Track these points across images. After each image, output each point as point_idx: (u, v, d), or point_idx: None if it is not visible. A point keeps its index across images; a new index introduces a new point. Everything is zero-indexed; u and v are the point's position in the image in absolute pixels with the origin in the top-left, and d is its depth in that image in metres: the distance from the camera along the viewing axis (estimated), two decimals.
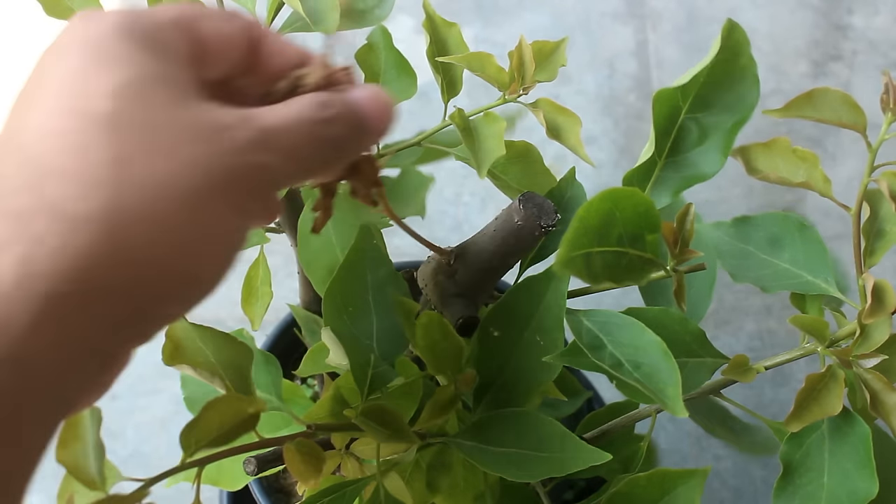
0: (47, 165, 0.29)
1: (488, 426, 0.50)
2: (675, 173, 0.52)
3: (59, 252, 0.28)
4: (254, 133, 0.31)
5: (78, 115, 0.29)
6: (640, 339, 0.46)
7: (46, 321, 0.28)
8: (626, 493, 0.50)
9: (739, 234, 0.53)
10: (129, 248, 0.29)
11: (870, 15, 1.26)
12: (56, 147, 0.29)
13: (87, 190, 0.28)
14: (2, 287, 0.27)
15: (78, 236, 0.28)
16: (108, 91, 0.29)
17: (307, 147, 0.32)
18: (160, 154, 0.29)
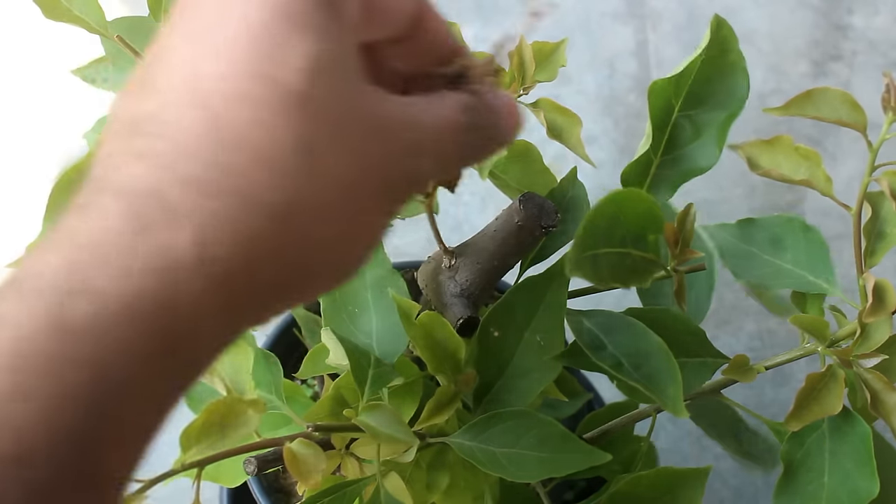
0: (234, 136, 0.27)
1: (488, 426, 0.50)
2: (671, 170, 0.52)
3: (237, 238, 0.26)
4: (421, 135, 0.30)
5: (271, 84, 0.27)
6: (640, 339, 0.46)
7: (214, 305, 0.26)
8: (628, 492, 0.50)
9: (743, 236, 0.54)
10: (304, 244, 0.28)
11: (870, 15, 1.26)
12: (244, 117, 0.27)
13: (275, 178, 0.27)
14: (180, 262, 0.26)
15: (257, 224, 0.27)
16: (302, 64, 0.27)
17: (453, 152, 0.32)
18: (346, 148, 0.28)
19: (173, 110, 0.27)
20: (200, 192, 0.26)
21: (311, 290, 0.30)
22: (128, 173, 0.26)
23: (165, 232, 0.26)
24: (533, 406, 0.51)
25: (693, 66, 0.51)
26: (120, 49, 0.53)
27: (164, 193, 0.26)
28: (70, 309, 0.24)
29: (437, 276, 0.53)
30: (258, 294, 0.28)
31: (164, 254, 0.25)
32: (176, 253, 0.25)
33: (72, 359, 0.24)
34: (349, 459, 0.50)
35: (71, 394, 0.24)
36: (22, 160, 1.13)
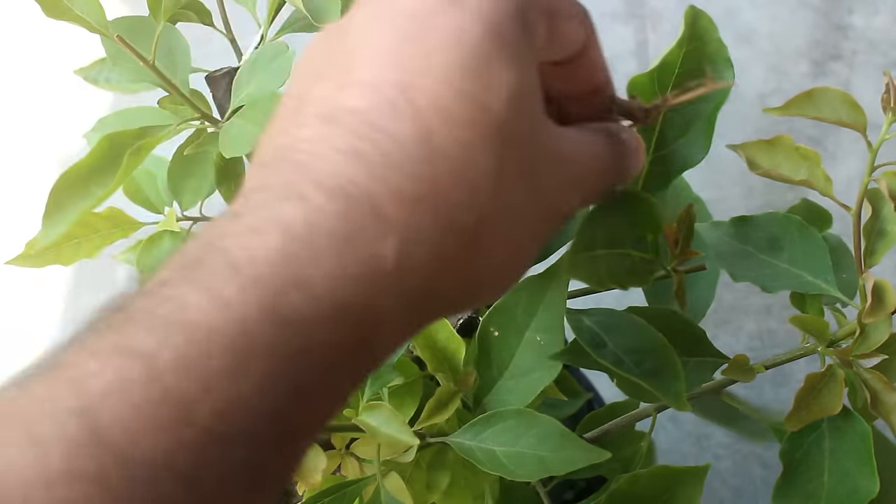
0: (444, 156, 0.27)
1: (488, 426, 0.50)
2: (663, 166, 0.52)
3: (433, 254, 0.27)
4: (579, 171, 0.31)
5: (479, 107, 0.27)
6: (641, 336, 0.46)
7: (400, 315, 0.27)
8: (627, 490, 0.50)
9: (739, 235, 0.53)
10: (480, 264, 0.29)
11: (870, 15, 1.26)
12: (454, 137, 0.27)
13: (472, 200, 0.28)
14: (384, 273, 0.26)
15: (451, 244, 0.28)
16: (507, 91, 0.28)
17: (601, 181, 0.33)
18: (528, 179, 0.29)
19: (385, 116, 0.27)
20: (407, 205, 0.27)
21: (471, 304, 0.32)
22: (340, 171, 0.27)
23: (374, 241, 0.26)
24: (533, 406, 0.51)
25: (673, 59, 0.51)
26: (120, 49, 0.53)
27: (375, 202, 0.26)
28: (285, 302, 0.25)
29: None
30: (435, 305, 0.29)
31: (372, 262, 0.26)
32: (381, 263, 0.26)
33: (284, 350, 0.25)
34: (349, 459, 0.50)
35: (280, 382, 0.25)
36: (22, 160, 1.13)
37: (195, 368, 0.24)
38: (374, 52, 0.28)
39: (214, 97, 0.58)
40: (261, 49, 0.55)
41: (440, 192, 0.27)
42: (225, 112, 0.56)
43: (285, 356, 0.25)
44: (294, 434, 0.26)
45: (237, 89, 0.54)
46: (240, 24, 0.61)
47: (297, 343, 0.25)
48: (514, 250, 0.30)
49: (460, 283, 0.29)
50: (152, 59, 0.54)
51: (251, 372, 0.24)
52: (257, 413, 0.24)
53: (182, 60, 0.56)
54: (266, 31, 0.57)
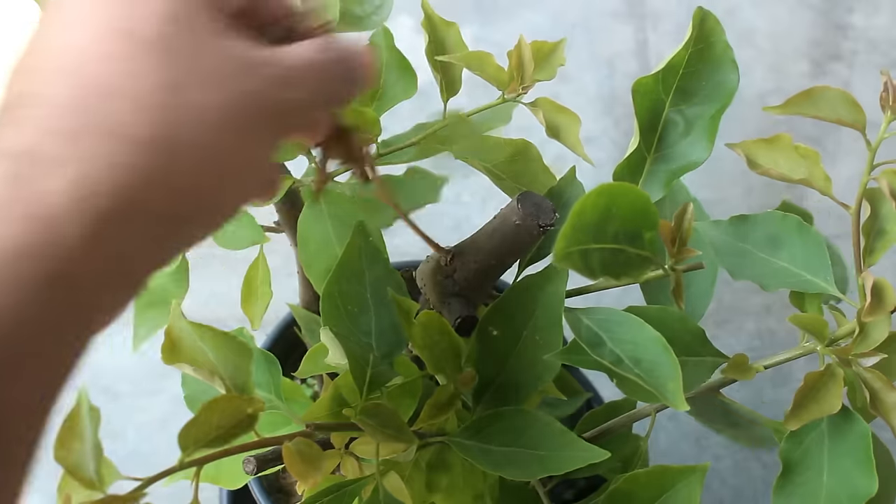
0: (100, 87, 0.29)
1: (487, 425, 0.50)
2: (664, 166, 0.52)
3: (114, 173, 0.28)
4: (283, 71, 0.32)
5: (128, 37, 0.30)
6: (639, 335, 0.46)
7: (96, 240, 0.28)
8: (626, 490, 0.50)
9: (737, 233, 0.53)
10: (179, 172, 0.30)
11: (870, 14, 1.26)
12: (108, 70, 0.29)
13: (142, 114, 0.29)
14: (56, 205, 0.28)
15: (133, 159, 0.29)
16: (156, 16, 0.30)
17: (321, 84, 0.34)
18: (209, 83, 0.30)
19: (48, 81, 0.30)
20: (71, 139, 0.28)
21: (205, 218, 0.32)
22: (6, 139, 0.29)
23: (40, 181, 0.28)
24: (532, 405, 0.51)
25: (679, 60, 0.51)
26: None
27: (37, 148, 0.28)
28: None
29: (436, 276, 0.53)
30: (150, 225, 0.30)
31: (41, 199, 0.28)
32: (52, 197, 0.28)
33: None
34: (349, 459, 0.50)
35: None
36: None
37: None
38: (45, 40, 0.31)
39: None
40: None
41: (106, 117, 0.29)
42: None
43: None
44: (3, 376, 0.27)
45: None
46: None
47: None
48: (227, 155, 0.31)
49: (175, 196, 0.30)
50: None
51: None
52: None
53: None
54: None
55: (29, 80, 0.30)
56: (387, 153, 0.59)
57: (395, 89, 0.59)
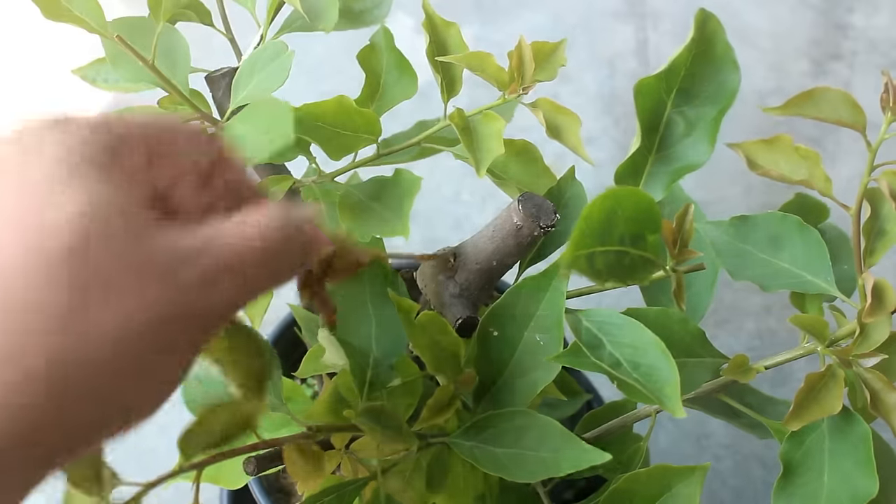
0: (5, 305, 0.27)
1: (488, 426, 0.50)
2: (665, 167, 0.52)
3: (7, 413, 0.27)
4: (202, 269, 0.29)
5: (36, 250, 0.27)
6: (639, 338, 0.46)
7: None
8: (626, 490, 0.50)
9: (738, 234, 0.53)
10: (72, 398, 0.27)
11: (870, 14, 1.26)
12: (14, 285, 0.27)
13: (36, 343, 0.27)
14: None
15: (27, 398, 0.27)
16: (70, 218, 0.28)
17: (257, 276, 0.31)
18: (113, 300, 0.28)
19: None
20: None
21: (107, 434, 0.30)
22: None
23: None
24: (532, 406, 0.51)
25: (681, 61, 0.51)
26: (120, 49, 0.53)
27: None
28: None
29: (437, 277, 0.53)
30: (37, 451, 0.28)
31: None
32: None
33: None
34: (349, 459, 0.50)
35: None
36: None
37: None
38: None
39: (214, 97, 0.58)
40: (260, 49, 0.55)
41: (3, 340, 0.27)
42: (225, 112, 0.56)
43: None
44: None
45: (237, 89, 0.54)
46: (239, 25, 0.61)
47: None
48: (128, 380, 0.28)
49: (59, 431, 0.28)
50: (152, 59, 0.54)
51: None
52: None
53: (182, 60, 0.56)
54: (266, 31, 0.57)
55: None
56: (387, 153, 0.59)
57: (395, 90, 0.59)
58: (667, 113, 0.52)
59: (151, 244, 0.29)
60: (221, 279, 0.30)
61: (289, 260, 0.33)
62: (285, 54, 0.54)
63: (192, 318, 0.29)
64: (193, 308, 0.29)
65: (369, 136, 0.57)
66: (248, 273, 0.31)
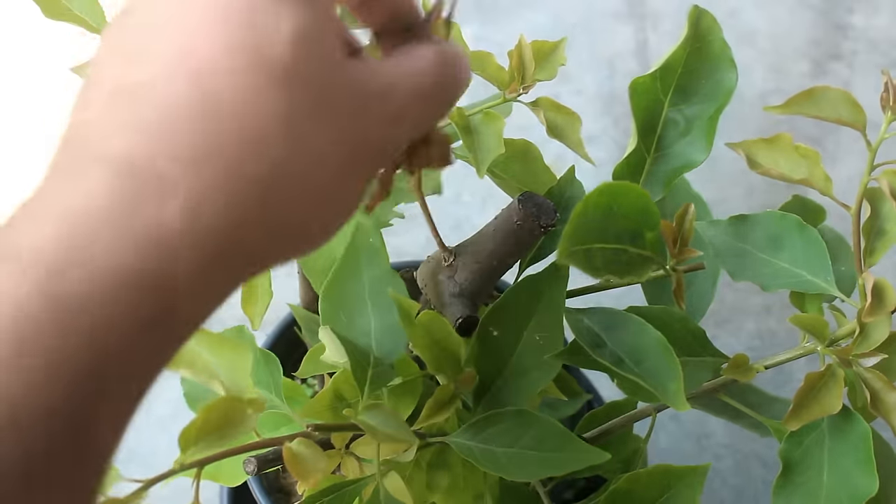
0: (225, 111, 0.27)
1: (488, 426, 0.50)
2: (664, 166, 0.52)
3: (225, 209, 0.27)
4: (395, 108, 0.31)
5: (257, 57, 0.28)
6: (640, 335, 0.46)
7: (199, 277, 0.27)
8: (627, 490, 0.50)
9: (737, 233, 0.53)
10: (282, 211, 0.29)
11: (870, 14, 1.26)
12: (232, 90, 0.27)
13: (260, 149, 0.28)
14: (170, 236, 0.26)
15: (245, 194, 0.27)
16: (288, 36, 0.28)
17: (435, 109, 0.33)
18: (326, 122, 0.29)
19: (163, 83, 0.28)
20: (188, 163, 0.27)
21: (290, 252, 0.31)
22: (116, 143, 0.27)
23: (155, 205, 0.26)
24: (532, 405, 0.51)
25: (676, 59, 0.51)
26: None
27: (152, 165, 0.26)
28: (65, 284, 0.25)
29: (437, 276, 0.53)
30: (243, 257, 0.28)
31: (155, 227, 0.26)
32: (166, 227, 0.26)
33: (66, 332, 0.25)
34: (349, 459, 0.50)
35: (66, 366, 0.25)
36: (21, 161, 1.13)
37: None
38: (161, 29, 0.29)
39: None
40: None
41: (224, 145, 0.27)
42: None
43: (70, 340, 0.25)
44: (95, 422, 0.25)
45: None
46: None
47: (83, 324, 0.25)
48: (325, 194, 0.30)
49: (264, 235, 0.29)
50: None
51: (32, 360, 0.24)
52: (47, 403, 0.24)
53: None
54: None
55: (148, 66, 0.28)
56: None
57: None
58: (664, 112, 0.52)
59: (348, 74, 0.30)
60: (406, 114, 0.31)
61: (456, 92, 0.34)
62: None
63: (380, 149, 0.31)
64: (381, 141, 0.31)
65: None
66: (428, 107, 0.32)
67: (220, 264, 0.28)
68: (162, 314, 0.26)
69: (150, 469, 0.41)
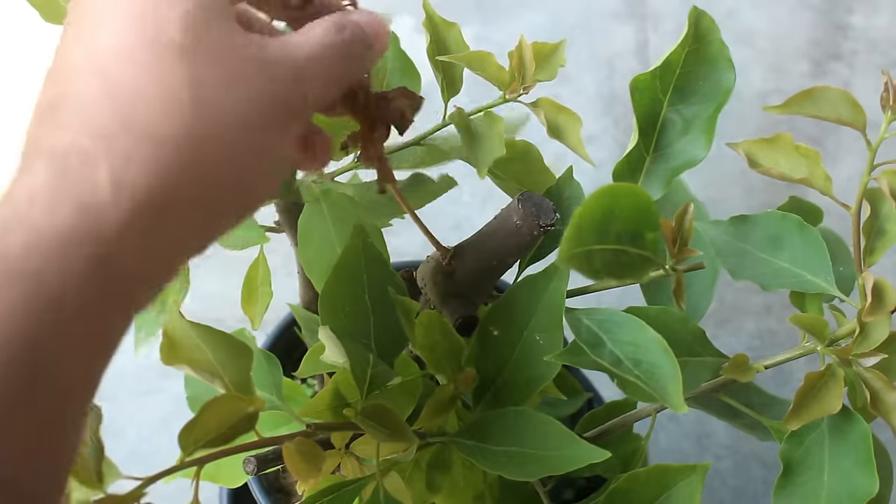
0: (129, 89, 0.32)
1: (488, 425, 0.50)
2: (664, 165, 0.52)
3: (146, 168, 0.31)
4: (296, 68, 0.35)
5: (153, 42, 0.32)
6: (639, 336, 0.46)
7: (133, 229, 0.31)
8: (626, 489, 0.50)
9: (737, 233, 0.53)
10: (204, 167, 0.32)
11: (870, 14, 1.26)
12: (136, 72, 0.32)
13: (168, 112, 0.32)
14: (100, 196, 0.30)
15: (162, 154, 0.31)
16: (179, 20, 0.33)
17: (335, 70, 0.37)
18: (228, 83, 0.33)
19: (77, 84, 0.33)
20: (107, 137, 0.31)
21: (231, 208, 0.35)
22: (50, 140, 0.32)
23: (82, 173, 0.31)
24: (532, 405, 0.51)
25: (675, 59, 0.51)
26: None
27: (78, 146, 0.31)
28: (9, 242, 0.30)
29: (437, 276, 0.53)
30: (180, 214, 0.32)
31: (84, 190, 0.31)
32: (94, 188, 0.31)
33: (12, 279, 0.29)
34: (349, 459, 0.50)
35: (15, 308, 0.29)
36: None
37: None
38: (71, 47, 0.34)
39: None
40: None
41: (135, 117, 0.32)
42: None
43: (16, 284, 0.29)
44: (53, 357, 0.29)
45: None
46: None
47: (28, 269, 0.29)
48: (243, 148, 0.33)
49: (194, 190, 0.32)
50: None
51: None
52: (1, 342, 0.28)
53: None
54: None
55: (64, 81, 0.33)
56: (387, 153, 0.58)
57: None
58: (663, 111, 0.52)
59: (246, 42, 0.34)
60: (306, 74, 0.35)
61: (354, 52, 0.38)
62: None
63: (289, 107, 0.35)
64: (287, 99, 0.35)
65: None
66: (326, 67, 0.36)
67: (154, 218, 0.31)
68: (98, 262, 0.30)
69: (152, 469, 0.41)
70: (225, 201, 0.34)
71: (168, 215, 0.32)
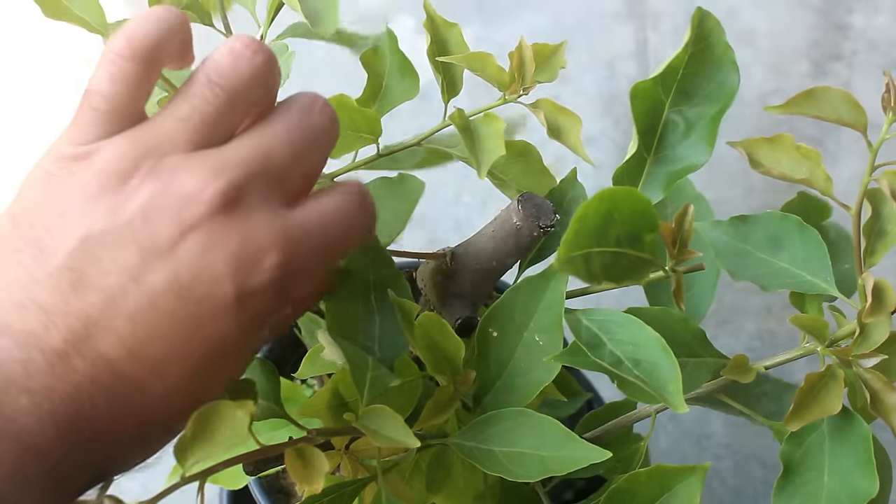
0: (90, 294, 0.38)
1: (488, 426, 0.50)
2: (665, 168, 0.52)
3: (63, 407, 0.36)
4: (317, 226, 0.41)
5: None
6: (639, 336, 0.46)
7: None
8: (626, 489, 0.50)
9: (737, 234, 0.53)
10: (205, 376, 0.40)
11: (870, 14, 1.26)
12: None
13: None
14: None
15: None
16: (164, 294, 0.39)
17: (349, 244, 0.43)
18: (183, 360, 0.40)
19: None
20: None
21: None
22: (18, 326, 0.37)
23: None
24: (532, 406, 0.51)
25: (678, 62, 0.51)
26: None
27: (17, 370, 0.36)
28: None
29: (436, 277, 0.53)
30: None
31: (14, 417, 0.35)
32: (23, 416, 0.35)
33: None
34: (349, 459, 0.50)
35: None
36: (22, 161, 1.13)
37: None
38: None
39: None
40: None
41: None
42: None
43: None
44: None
45: None
46: (240, 25, 0.61)
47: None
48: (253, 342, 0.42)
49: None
50: None
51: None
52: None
53: None
54: (266, 31, 0.57)
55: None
56: (387, 154, 0.59)
57: (398, 91, 0.59)
58: (665, 113, 0.52)
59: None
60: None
61: (367, 221, 0.43)
62: (286, 55, 0.54)
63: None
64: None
65: (369, 136, 0.57)
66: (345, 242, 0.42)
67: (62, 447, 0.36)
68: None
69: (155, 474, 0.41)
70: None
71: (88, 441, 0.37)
